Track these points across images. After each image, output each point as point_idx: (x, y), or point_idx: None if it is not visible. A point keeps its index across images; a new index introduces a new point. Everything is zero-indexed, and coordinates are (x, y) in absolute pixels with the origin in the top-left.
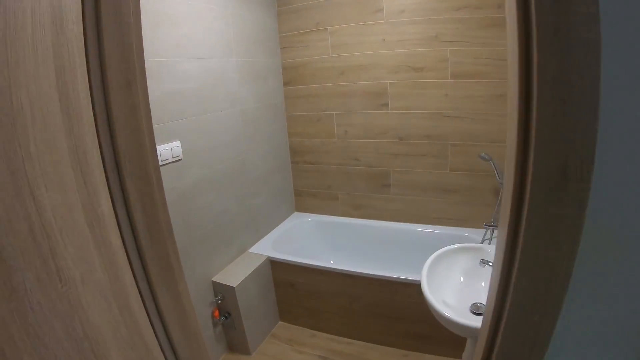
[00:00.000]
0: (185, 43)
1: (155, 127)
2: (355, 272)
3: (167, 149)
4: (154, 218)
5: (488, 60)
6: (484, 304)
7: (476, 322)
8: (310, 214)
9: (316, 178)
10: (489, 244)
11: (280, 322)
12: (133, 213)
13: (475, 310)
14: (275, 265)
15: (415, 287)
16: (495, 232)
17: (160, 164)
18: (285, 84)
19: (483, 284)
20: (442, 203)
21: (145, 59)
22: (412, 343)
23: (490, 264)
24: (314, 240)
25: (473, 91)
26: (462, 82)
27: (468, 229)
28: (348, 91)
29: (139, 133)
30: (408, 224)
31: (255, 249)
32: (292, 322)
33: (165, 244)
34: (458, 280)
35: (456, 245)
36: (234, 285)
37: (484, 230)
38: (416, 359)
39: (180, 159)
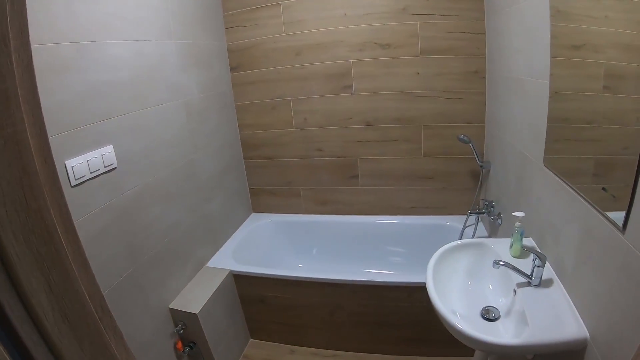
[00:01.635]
0: (113, 22)
1: (79, 130)
2: (334, 279)
3: (96, 157)
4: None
5: (461, 34)
6: (495, 307)
7: (491, 332)
8: (270, 214)
9: (274, 174)
10: (474, 230)
11: (251, 339)
12: None
13: (486, 315)
14: (239, 280)
15: (404, 289)
16: (481, 223)
17: (89, 176)
18: (233, 69)
19: (490, 286)
20: (417, 191)
21: (59, 43)
22: (404, 348)
23: (502, 263)
24: (278, 244)
25: (446, 68)
26: (434, 59)
27: (448, 216)
28: (306, 73)
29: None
30: (382, 216)
31: (214, 262)
32: (266, 338)
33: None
34: (463, 282)
35: (455, 243)
36: (196, 311)
37: (466, 217)
38: None
39: (115, 168)
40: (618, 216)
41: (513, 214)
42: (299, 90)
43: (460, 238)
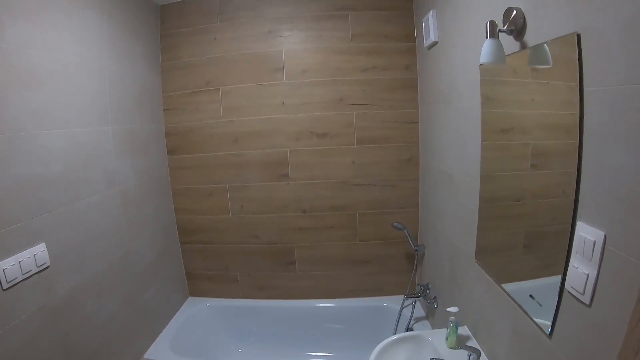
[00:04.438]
0: (48, 109)
1: (10, 229)
2: None
3: (28, 257)
4: None
5: (396, 123)
6: None
7: None
8: (207, 299)
9: (211, 259)
10: (412, 312)
11: None
12: None
13: None
14: None
15: None
16: (418, 302)
17: (21, 278)
18: (170, 152)
19: None
20: (354, 275)
21: None
22: None
23: None
24: (216, 329)
25: (381, 157)
26: (369, 148)
27: (386, 297)
28: (243, 161)
29: None
30: (321, 300)
31: (152, 353)
32: None
33: None
34: None
35: (393, 338)
36: None
37: (402, 297)
38: None
39: (48, 267)
40: (546, 323)
41: (447, 309)
42: (236, 177)
43: (398, 320)
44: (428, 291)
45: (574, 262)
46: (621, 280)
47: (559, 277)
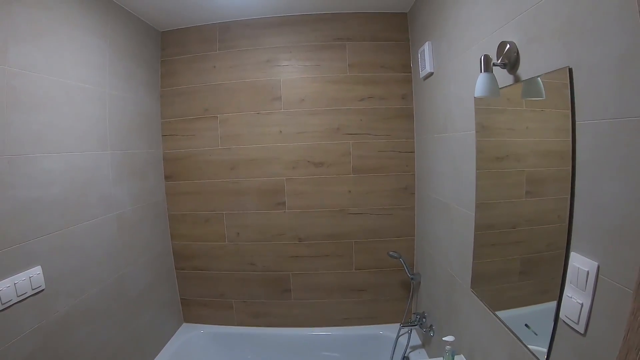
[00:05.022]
0: (49, 133)
1: (6, 251)
2: None
3: (24, 280)
4: None
5: (392, 152)
6: None
7: None
8: (201, 325)
9: (206, 285)
10: (408, 341)
11: None
12: None
13: None
14: None
15: None
16: (414, 331)
17: (16, 300)
18: (167, 177)
19: None
20: (349, 303)
21: None
22: None
23: None
24: (211, 356)
25: (377, 185)
26: (365, 177)
27: (381, 325)
28: (240, 188)
29: None
30: (316, 328)
31: None
32: None
33: None
34: None
35: None
36: None
37: (398, 325)
38: None
39: (43, 290)
40: (542, 350)
41: (443, 338)
42: (233, 204)
43: (394, 348)
44: (424, 319)
45: (568, 292)
46: (615, 310)
47: (554, 303)
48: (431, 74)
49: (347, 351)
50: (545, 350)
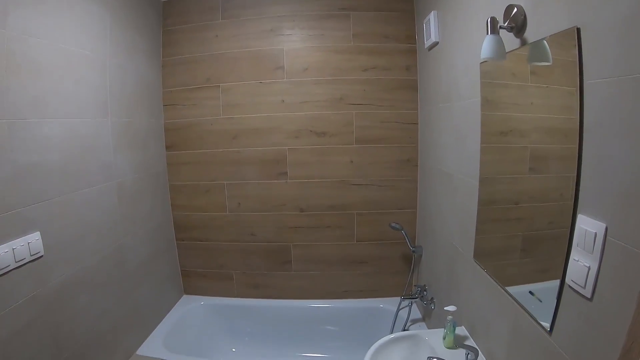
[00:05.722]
0: (48, 99)
1: (5, 215)
2: None
3: (22, 245)
4: None
5: (395, 124)
6: None
7: None
8: (201, 297)
9: (206, 256)
10: (408, 314)
11: None
12: None
13: None
14: None
15: None
16: (415, 304)
17: (14, 265)
18: (168, 147)
19: None
20: (350, 275)
21: None
22: None
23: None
24: (210, 328)
25: (379, 157)
26: (368, 148)
27: (381, 298)
28: (241, 158)
29: None
30: (316, 300)
31: (144, 349)
32: None
33: None
34: None
35: (390, 337)
36: None
37: (399, 299)
38: None
39: (41, 256)
40: (545, 324)
41: (445, 308)
42: (234, 174)
43: (394, 321)
44: (425, 292)
45: (574, 255)
46: (623, 272)
47: (556, 282)
48: (436, 43)
49: (347, 324)
50: (548, 324)
